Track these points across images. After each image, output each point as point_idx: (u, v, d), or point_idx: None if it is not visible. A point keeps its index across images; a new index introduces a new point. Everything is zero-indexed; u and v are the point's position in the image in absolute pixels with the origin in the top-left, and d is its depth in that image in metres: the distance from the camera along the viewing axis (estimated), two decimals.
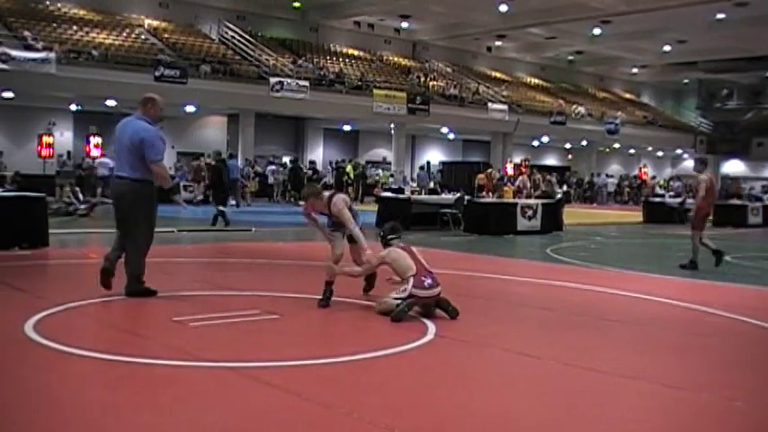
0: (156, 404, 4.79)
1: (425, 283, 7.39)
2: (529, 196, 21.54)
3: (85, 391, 4.98)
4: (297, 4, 40.67)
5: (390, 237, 7.91)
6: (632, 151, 55.26)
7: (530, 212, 19.78)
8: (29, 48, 27.80)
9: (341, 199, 8.27)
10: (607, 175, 49.57)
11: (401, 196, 20.60)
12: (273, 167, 34.72)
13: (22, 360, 5.66)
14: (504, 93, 44.34)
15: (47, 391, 4.92)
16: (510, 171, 38.05)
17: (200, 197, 28.62)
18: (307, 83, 33.91)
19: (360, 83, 37.39)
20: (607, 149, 52.89)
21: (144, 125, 8.08)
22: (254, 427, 4.42)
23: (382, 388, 5.27)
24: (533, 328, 7.61)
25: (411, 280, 7.38)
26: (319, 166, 37.81)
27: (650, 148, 53.61)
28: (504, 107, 41.65)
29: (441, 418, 4.69)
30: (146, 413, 4.58)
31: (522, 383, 5.62)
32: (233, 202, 25.26)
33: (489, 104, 41.35)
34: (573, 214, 25.31)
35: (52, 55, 27.56)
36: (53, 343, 6.02)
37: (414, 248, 7.84)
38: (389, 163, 40.93)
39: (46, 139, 30.85)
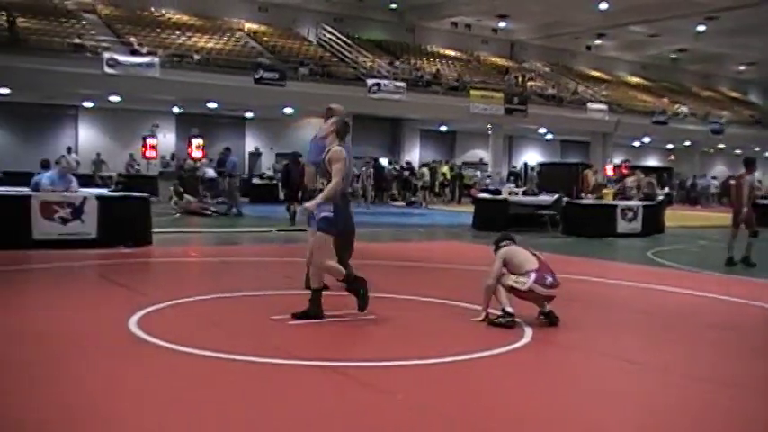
0: (252, 400, 4.85)
1: (547, 281, 7.11)
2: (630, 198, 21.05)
3: (185, 386, 5.08)
4: (394, 6, 40.80)
5: (503, 243, 7.59)
6: (738, 152, 53.31)
7: (630, 214, 19.34)
8: (134, 53, 28.68)
9: (342, 150, 7.48)
10: (711, 177, 48.11)
11: (498, 197, 20.39)
12: (364, 168, 34.85)
13: (125, 355, 5.82)
14: (604, 92, 43.51)
15: (148, 386, 5.04)
16: (610, 172, 37.30)
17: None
18: (403, 84, 33.95)
19: (456, 83, 37.23)
20: (711, 150, 51.28)
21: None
22: (347, 425, 4.43)
23: (476, 390, 5.22)
24: (632, 333, 7.43)
25: (533, 274, 7.10)
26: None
27: (758, 149, 51.71)
28: (604, 107, 40.85)
29: (535, 423, 4.61)
30: (242, 409, 4.64)
31: (621, 390, 5.48)
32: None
33: (588, 104, 40.62)
34: (675, 217, 24.67)
35: (156, 59, 28.34)
36: (155, 339, 6.18)
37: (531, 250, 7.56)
38: (486, 164, 40.66)
39: (150, 140, 31.74)
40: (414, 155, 41.31)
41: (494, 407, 4.88)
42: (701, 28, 41.67)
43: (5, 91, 28.57)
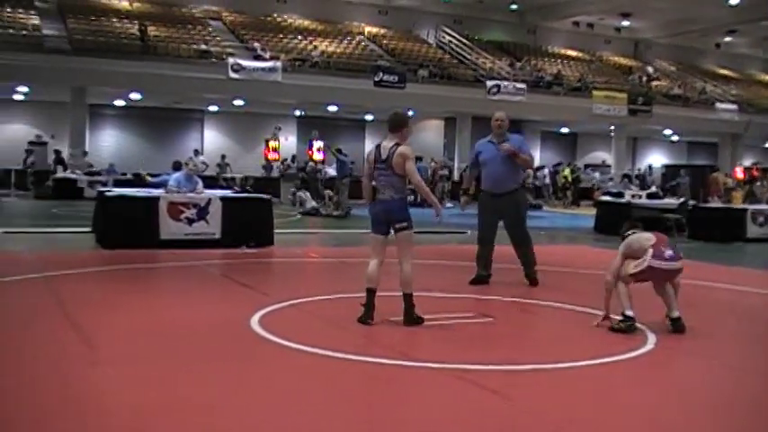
0: (369, 400, 4.88)
1: (666, 254, 6.75)
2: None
3: (305, 385, 5.14)
4: (514, 7, 40.43)
5: (627, 233, 7.26)
6: None
7: (761, 219, 18.54)
8: (258, 58, 29.41)
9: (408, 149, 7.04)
10: None
11: (621, 200, 19.89)
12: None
13: (247, 353, 5.94)
14: (734, 91, 41.93)
15: (269, 383, 5.12)
16: (740, 175, 35.89)
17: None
18: (524, 85, 33.61)
19: (578, 84, 36.62)
20: None
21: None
22: (462, 428, 4.38)
23: (595, 398, 5.08)
24: (762, 344, 7.09)
25: (650, 251, 6.76)
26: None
27: None
28: (734, 107, 39.36)
29: None
30: (359, 408, 4.68)
31: (747, 404, 5.22)
32: (450, 205, 25.47)
33: (717, 104, 39.24)
34: None
35: (279, 64, 28.99)
36: (277, 337, 6.28)
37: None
38: (609, 166, 39.81)
39: (272, 143, 32.42)
40: (534, 157, 40.74)
41: (610, 414, 4.73)
42: None
43: (137, 96, 29.78)
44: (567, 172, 34.87)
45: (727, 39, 45.89)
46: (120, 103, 32.31)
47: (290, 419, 4.43)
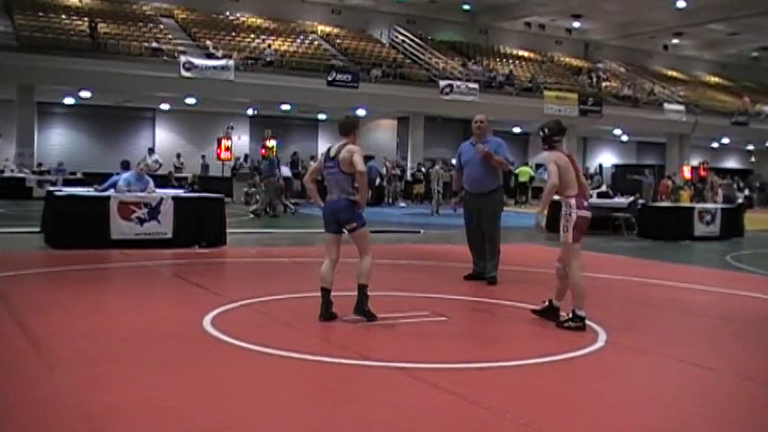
0: (325, 400, 4.87)
1: (585, 204, 7.25)
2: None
3: (258, 385, 5.11)
4: (467, 7, 40.66)
5: (555, 138, 7.48)
6: None
7: (708, 217, 18.90)
8: (210, 56, 29.19)
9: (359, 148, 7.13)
10: None
11: None
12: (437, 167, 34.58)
13: (199, 354, 5.89)
14: (681, 92, 42.64)
15: (221, 384, 5.09)
16: (687, 174, 36.51)
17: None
18: (476, 85, 33.83)
19: (530, 84, 36.94)
20: None
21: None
22: (419, 427, 4.40)
23: (550, 394, 5.14)
24: (711, 339, 7.23)
25: (573, 201, 7.18)
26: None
27: None
28: (681, 107, 40.05)
29: (611, 429, 4.53)
30: (315, 408, 4.66)
31: (698, 397, 5.32)
32: (403, 204, 25.50)
33: (665, 105, 39.87)
34: (756, 220, 24.01)
35: (231, 62, 28.82)
36: (229, 338, 6.24)
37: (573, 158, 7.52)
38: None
39: (224, 142, 32.23)
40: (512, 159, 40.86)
41: (569, 412, 4.79)
42: None
43: (87, 94, 29.37)
44: (529, 171, 34.73)
45: (675, 41, 46.67)
46: (69, 101, 31.83)
47: (246, 421, 4.41)
